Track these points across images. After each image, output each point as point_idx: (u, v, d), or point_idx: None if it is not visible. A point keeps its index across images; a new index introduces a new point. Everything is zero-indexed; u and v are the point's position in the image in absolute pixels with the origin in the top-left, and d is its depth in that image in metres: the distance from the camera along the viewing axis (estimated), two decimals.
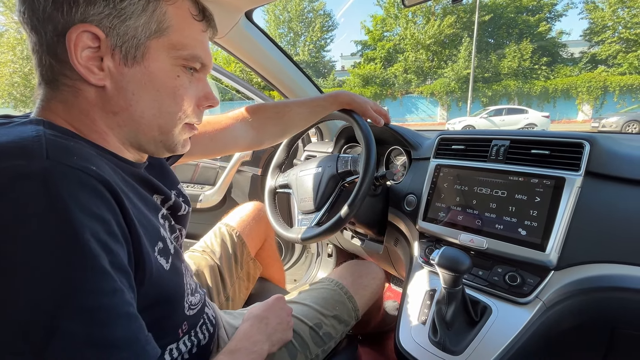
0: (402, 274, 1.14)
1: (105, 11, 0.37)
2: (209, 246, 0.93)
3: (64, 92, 0.40)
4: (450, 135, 0.89)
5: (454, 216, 0.78)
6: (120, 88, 0.40)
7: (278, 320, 0.64)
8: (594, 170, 0.66)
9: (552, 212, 0.65)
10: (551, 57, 19.31)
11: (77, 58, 0.37)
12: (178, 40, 0.42)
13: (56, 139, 0.35)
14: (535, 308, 0.63)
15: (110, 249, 0.32)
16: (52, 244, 0.29)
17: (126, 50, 0.39)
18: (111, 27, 0.38)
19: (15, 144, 0.32)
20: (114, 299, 0.31)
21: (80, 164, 0.33)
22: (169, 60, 0.42)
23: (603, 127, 10.78)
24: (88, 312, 0.30)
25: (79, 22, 0.37)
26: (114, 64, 0.39)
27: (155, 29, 0.41)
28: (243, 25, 1.02)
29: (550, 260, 0.63)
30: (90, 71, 0.38)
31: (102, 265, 0.31)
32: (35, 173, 0.30)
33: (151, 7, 0.40)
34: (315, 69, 24.88)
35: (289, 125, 0.88)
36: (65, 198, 0.30)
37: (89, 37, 0.37)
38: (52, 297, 0.28)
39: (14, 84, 15.74)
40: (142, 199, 0.44)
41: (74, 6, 0.36)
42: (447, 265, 0.59)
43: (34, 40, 0.39)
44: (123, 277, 0.33)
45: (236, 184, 1.68)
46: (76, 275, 0.29)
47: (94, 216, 0.32)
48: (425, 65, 20.57)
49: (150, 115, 0.43)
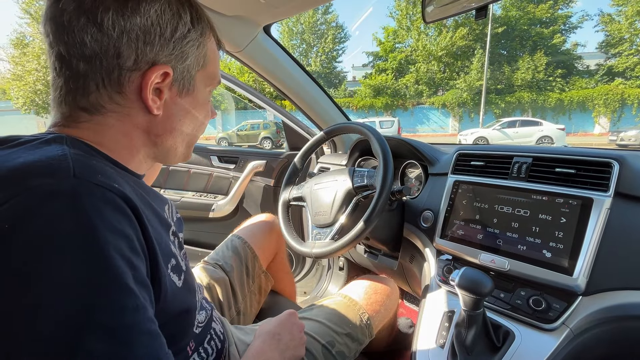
0: (417, 291, 1.11)
1: (175, 52, 0.42)
2: (220, 259, 0.92)
3: (107, 116, 0.41)
4: (469, 150, 0.87)
5: (474, 235, 0.76)
6: (170, 115, 0.45)
7: (290, 337, 0.62)
8: (623, 191, 0.63)
9: (580, 234, 0.62)
10: (566, 69, 19.02)
11: (149, 93, 0.41)
12: (212, 70, 0.49)
13: (80, 157, 0.36)
14: (562, 335, 0.60)
15: (134, 264, 0.33)
16: (78, 261, 0.29)
17: (182, 84, 0.44)
18: (175, 66, 0.43)
19: (44, 162, 0.33)
20: (137, 316, 0.31)
21: (104, 181, 0.34)
22: (204, 88, 0.48)
23: (621, 140, 10.51)
24: (111, 329, 0.29)
25: (152, 60, 0.40)
26: (171, 95, 0.44)
27: (202, 64, 0.46)
28: (261, 39, 1.04)
29: (578, 285, 0.60)
30: (153, 102, 0.42)
31: (126, 282, 0.31)
32: (65, 191, 0.31)
33: (202, 45, 0.46)
34: (327, 79, 25.12)
35: None
36: (92, 216, 0.31)
37: (159, 74, 0.41)
38: (77, 315, 0.28)
39: (36, 92, 16.40)
40: (157, 215, 0.44)
41: (148, 45, 0.40)
42: (468, 287, 0.57)
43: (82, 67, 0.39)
44: (145, 293, 0.34)
45: (249, 194, 1.69)
46: (101, 293, 0.30)
47: (118, 233, 0.32)
48: (437, 76, 20.53)
49: (184, 136, 0.48)
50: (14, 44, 16.89)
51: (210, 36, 0.47)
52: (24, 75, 16.33)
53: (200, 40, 0.45)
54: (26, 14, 16.70)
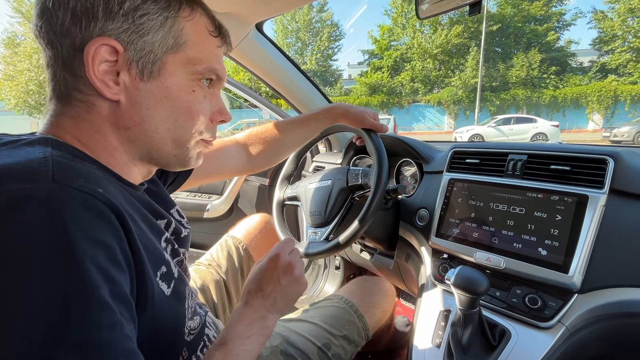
0: (413, 290, 1.10)
1: (124, 26, 0.37)
2: (215, 259, 0.91)
3: (76, 107, 0.39)
4: (464, 148, 0.87)
5: (469, 233, 0.76)
6: (135, 103, 0.40)
7: (275, 281, 0.52)
8: (618, 188, 0.63)
9: (575, 231, 0.62)
10: (560, 66, 19.15)
11: (94, 71, 0.37)
12: (194, 55, 0.42)
13: (63, 160, 0.34)
14: (558, 333, 0.59)
15: (112, 277, 0.30)
16: (51, 273, 0.27)
17: (143, 65, 0.39)
18: (129, 42, 0.38)
19: (22, 165, 0.31)
20: (113, 334, 0.29)
21: (86, 186, 0.32)
22: (185, 75, 0.42)
23: (615, 136, 10.60)
24: (85, 347, 0.27)
25: (98, 36, 0.37)
26: (130, 79, 0.39)
27: (172, 44, 0.41)
28: (253, 37, 1.02)
29: (574, 282, 0.60)
30: (106, 85, 0.38)
31: (102, 296, 0.29)
32: (41, 196, 0.29)
33: (169, 23, 0.40)
34: (323, 77, 25.08)
35: (284, 147, 0.85)
36: (69, 223, 0.29)
37: (107, 50, 0.37)
38: (49, 330, 0.26)
39: (29, 92, 16.21)
40: (147, 222, 0.43)
41: (93, 20, 0.36)
42: (464, 286, 0.56)
43: (49, 54, 0.38)
44: (123, 308, 0.31)
45: (243, 193, 1.67)
46: (75, 307, 0.28)
47: (96, 242, 0.30)
48: (432, 74, 20.58)
49: (164, 130, 0.43)
50: (5, 44, 16.68)
51: (190, 16, 0.42)
52: (15, 76, 16.13)
53: (164, 14, 0.39)
54: (17, 13, 16.48)
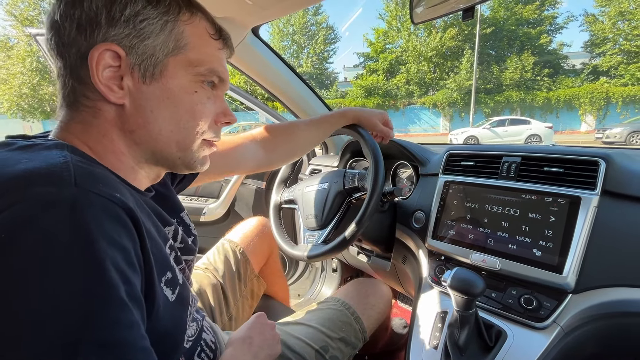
0: (410, 292, 1.11)
1: (126, 31, 0.39)
2: (211, 263, 0.91)
3: (84, 112, 0.40)
4: (459, 150, 0.87)
5: (465, 235, 0.76)
6: (139, 106, 0.41)
7: (262, 338, 0.62)
8: (610, 189, 0.64)
9: (568, 233, 0.63)
10: (553, 68, 19.40)
11: (98, 77, 0.38)
12: (195, 57, 0.43)
13: (83, 165, 0.35)
14: (553, 333, 0.60)
15: (128, 279, 0.31)
16: (74, 273, 0.28)
17: (145, 68, 0.40)
18: (131, 46, 0.39)
19: (45, 170, 0.32)
20: (131, 333, 0.30)
21: (105, 191, 0.33)
22: (187, 77, 0.43)
23: (607, 137, 10.74)
24: (108, 346, 0.28)
25: (101, 42, 0.38)
26: (133, 82, 0.40)
27: (173, 47, 0.42)
28: (249, 41, 1.03)
29: (568, 282, 0.61)
30: (110, 89, 0.39)
31: (121, 296, 0.30)
32: (66, 201, 0.30)
33: (169, 27, 0.41)
34: (319, 80, 25.15)
35: (298, 145, 0.87)
36: (91, 226, 0.30)
37: (110, 55, 0.38)
38: (71, 329, 0.27)
39: (22, 95, 16.07)
40: (155, 227, 0.43)
41: (97, 28, 0.38)
42: (460, 288, 0.57)
43: (59, 65, 0.40)
44: (137, 309, 0.32)
45: (240, 197, 1.67)
46: (97, 307, 0.28)
47: (115, 244, 0.31)
48: (427, 76, 20.72)
49: (168, 132, 0.44)
50: None
51: (190, 19, 0.43)
52: (8, 79, 15.99)
53: (164, 19, 0.41)
54: (10, 16, 16.36)
